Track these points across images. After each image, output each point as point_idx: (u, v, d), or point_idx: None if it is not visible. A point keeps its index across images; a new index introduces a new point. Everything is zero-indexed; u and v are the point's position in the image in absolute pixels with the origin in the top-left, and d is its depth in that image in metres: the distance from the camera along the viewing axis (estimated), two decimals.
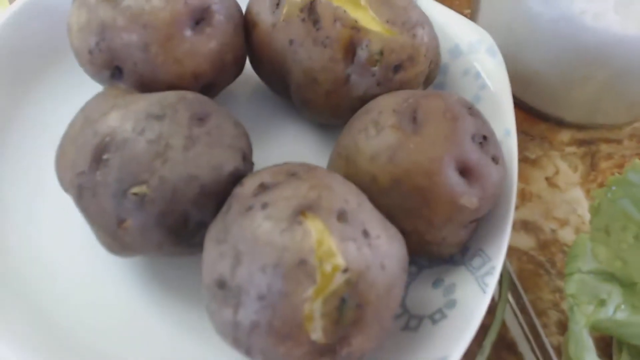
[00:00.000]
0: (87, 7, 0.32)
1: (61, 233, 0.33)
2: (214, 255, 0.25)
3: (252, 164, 0.31)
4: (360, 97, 0.33)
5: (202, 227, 0.28)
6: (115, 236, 0.28)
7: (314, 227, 0.24)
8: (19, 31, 0.37)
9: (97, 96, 0.31)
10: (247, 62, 0.37)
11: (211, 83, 0.34)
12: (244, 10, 0.36)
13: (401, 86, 0.33)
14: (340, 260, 0.23)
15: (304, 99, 0.34)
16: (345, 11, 0.32)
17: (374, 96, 0.33)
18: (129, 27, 0.31)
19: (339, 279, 0.23)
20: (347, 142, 0.30)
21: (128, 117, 0.28)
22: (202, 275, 0.26)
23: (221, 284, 0.25)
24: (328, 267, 0.23)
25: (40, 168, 0.34)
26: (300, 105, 0.35)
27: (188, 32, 0.32)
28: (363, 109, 0.31)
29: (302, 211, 0.24)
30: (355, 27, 0.32)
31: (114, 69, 0.32)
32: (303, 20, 0.33)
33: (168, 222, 0.28)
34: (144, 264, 0.33)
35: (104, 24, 0.31)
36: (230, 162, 0.29)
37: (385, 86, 0.33)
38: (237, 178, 0.29)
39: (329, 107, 0.34)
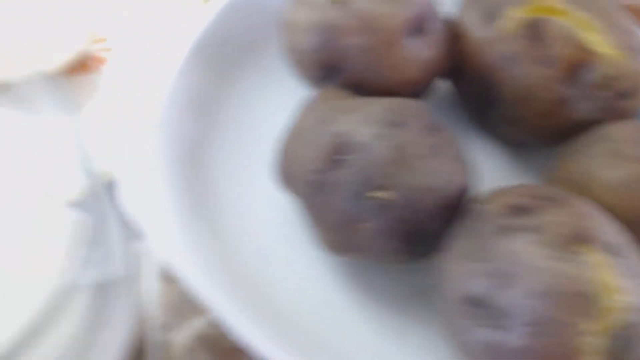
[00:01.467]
0: (314, 6, 0.32)
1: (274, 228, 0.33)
2: (465, 272, 0.25)
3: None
4: (579, 121, 0.32)
5: (432, 238, 0.28)
6: (348, 236, 0.28)
7: (592, 258, 0.23)
8: (228, 24, 0.37)
9: (320, 96, 0.31)
10: None
11: (419, 92, 0.34)
12: None
13: (623, 114, 0.32)
14: (624, 297, 0.22)
15: (514, 116, 0.33)
16: (573, 31, 0.31)
17: (594, 122, 0.32)
18: (357, 30, 0.31)
19: (621, 317, 0.22)
20: (578, 168, 0.29)
21: (366, 122, 0.28)
22: (446, 288, 0.26)
23: (476, 302, 0.24)
24: (608, 302, 0.22)
25: (249, 162, 0.34)
26: (506, 122, 0.34)
27: (408, 40, 0.32)
28: (595, 136, 0.30)
29: (576, 240, 0.23)
30: (583, 49, 0.31)
31: (330, 70, 0.32)
32: (523, 36, 0.32)
33: (404, 230, 0.27)
34: (346, 265, 0.32)
35: (332, 24, 0.31)
36: (461, 176, 0.28)
37: (609, 113, 0.32)
38: (464, 193, 0.28)
39: (541, 128, 0.33)
